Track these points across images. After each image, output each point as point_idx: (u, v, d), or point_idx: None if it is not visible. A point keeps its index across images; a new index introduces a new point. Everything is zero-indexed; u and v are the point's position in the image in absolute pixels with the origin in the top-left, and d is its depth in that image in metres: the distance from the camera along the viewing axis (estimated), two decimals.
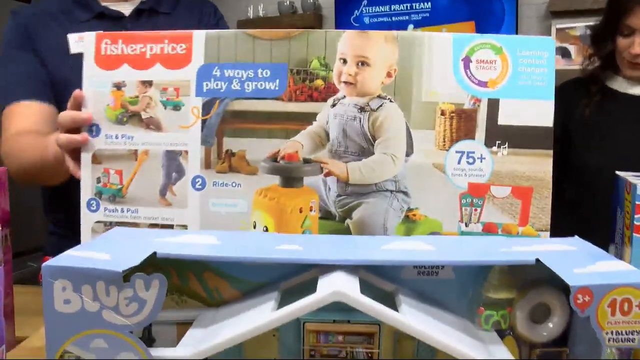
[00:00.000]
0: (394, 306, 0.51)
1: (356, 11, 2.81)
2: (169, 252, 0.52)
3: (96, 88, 0.77)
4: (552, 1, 2.64)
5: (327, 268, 0.52)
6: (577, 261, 0.52)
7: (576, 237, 0.61)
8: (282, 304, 0.51)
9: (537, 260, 0.51)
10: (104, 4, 1.14)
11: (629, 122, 1.31)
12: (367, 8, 2.81)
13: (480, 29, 2.06)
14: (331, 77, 0.75)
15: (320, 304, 0.47)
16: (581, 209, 1.36)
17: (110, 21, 1.12)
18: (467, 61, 0.73)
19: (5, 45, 1.11)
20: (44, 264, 0.48)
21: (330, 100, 0.75)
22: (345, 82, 0.74)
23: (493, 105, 0.73)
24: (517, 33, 2.08)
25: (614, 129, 1.34)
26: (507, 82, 0.73)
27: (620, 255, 0.79)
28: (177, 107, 0.76)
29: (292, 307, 0.48)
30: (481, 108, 0.74)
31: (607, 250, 0.83)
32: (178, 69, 0.76)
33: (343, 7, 3.00)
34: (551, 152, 0.74)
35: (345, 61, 0.74)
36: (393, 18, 2.69)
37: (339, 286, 0.48)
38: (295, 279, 0.56)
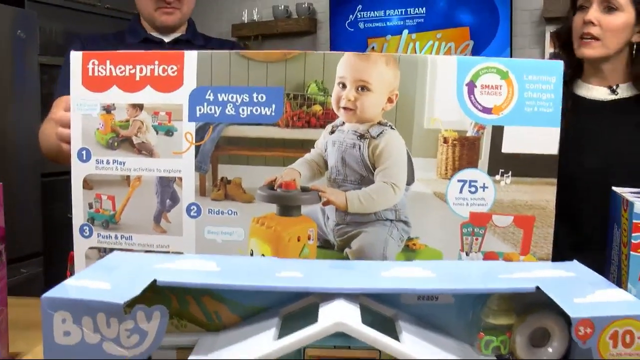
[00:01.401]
0: (394, 332, 0.49)
1: (351, 16, 2.73)
2: (170, 280, 0.49)
3: (85, 111, 0.70)
4: (546, 7, 2.57)
5: (328, 294, 0.49)
6: (577, 289, 0.49)
7: (575, 261, 0.57)
8: (283, 330, 0.49)
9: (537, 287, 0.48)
10: (151, 33, 1.29)
11: (592, 130, 1.19)
12: (362, 13, 2.73)
13: (474, 35, 2.01)
14: (330, 102, 0.67)
15: (322, 335, 0.45)
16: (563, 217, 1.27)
17: (154, 44, 1.27)
18: (471, 86, 0.66)
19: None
20: (43, 295, 0.44)
21: (328, 127, 0.68)
22: (345, 108, 0.67)
23: (497, 132, 0.67)
24: (511, 38, 2.03)
25: (580, 138, 1.19)
26: (513, 108, 0.66)
27: (617, 272, 0.75)
28: (169, 132, 0.69)
29: (295, 338, 0.45)
30: (485, 135, 0.67)
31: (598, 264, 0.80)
32: (169, 92, 0.68)
33: (338, 11, 2.92)
34: (555, 180, 0.68)
35: (344, 85, 0.67)
36: (388, 23, 2.61)
37: (340, 316, 0.45)
38: (295, 304, 0.53)
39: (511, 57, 3.14)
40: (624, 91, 1.14)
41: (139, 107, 0.69)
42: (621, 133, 1.11)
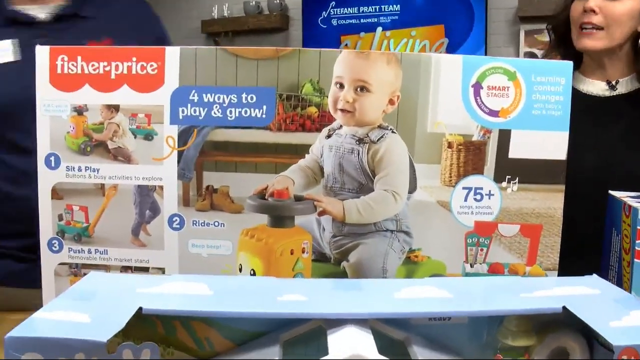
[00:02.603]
0: (407, 356, 0.45)
1: (324, 12, 2.66)
2: (157, 308, 0.43)
3: (53, 112, 0.61)
4: (521, 6, 2.56)
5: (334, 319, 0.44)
6: (608, 310, 0.45)
7: (595, 275, 0.53)
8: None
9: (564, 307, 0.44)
10: (14, 7, 0.97)
11: (586, 126, 1.09)
12: (335, 10, 2.65)
13: (449, 33, 1.98)
14: (326, 104, 0.61)
15: None
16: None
17: (25, 27, 0.95)
18: (477, 88, 0.61)
19: None
20: (7, 335, 0.36)
21: (324, 131, 0.62)
22: (342, 110, 0.61)
23: (504, 136, 0.61)
24: (486, 37, 2.00)
25: (574, 135, 1.17)
26: (520, 111, 0.61)
27: (617, 279, 0.72)
28: (148, 136, 0.62)
29: None
30: (491, 140, 0.63)
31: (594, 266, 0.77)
32: (149, 92, 0.60)
33: (310, 8, 2.84)
34: (563, 187, 0.64)
35: (342, 86, 0.60)
36: (362, 20, 2.55)
37: (355, 348, 0.40)
38: (296, 329, 0.47)
39: (486, 55, 3.15)
40: (622, 86, 1.07)
41: (114, 108, 0.61)
42: (617, 132, 1.06)
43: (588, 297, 0.47)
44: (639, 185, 0.75)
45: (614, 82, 1.07)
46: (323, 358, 0.39)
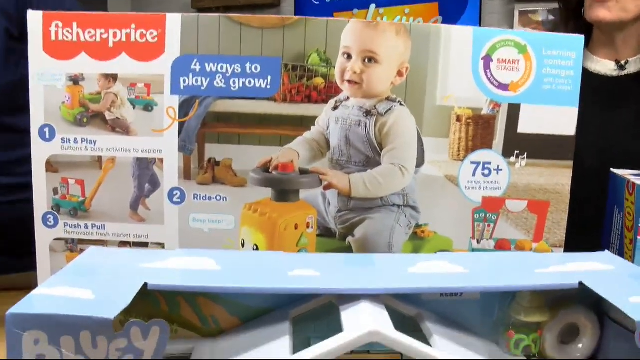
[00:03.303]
0: (420, 332, 0.44)
1: None
2: (163, 284, 0.40)
3: (47, 82, 0.58)
4: None
5: (346, 295, 0.42)
6: (626, 286, 0.44)
7: (607, 252, 0.52)
8: (297, 338, 0.43)
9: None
10: None
11: (592, 107, 1.04)
12: None
13: (443, 11, 1.95)
14: (333, 74, 0.59)
15: (353, 346, 0.37)
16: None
17: None
18: (487, 60, 0.59)
19: None
20: (9, 312, 0.34)
21: (331, 102, 0.59)
22: (350, 81, 0.59)
23: (513, 111, 0.60)
24: (480, 15, 1.98)
25: (582, 114, 1.14)
26: (530, 85, 0.59)
27: (619, 253, 0.72)
28: (148, 106, 0.59)
29: (320, 350, 0.37)
30: (500, 114, 0.61)
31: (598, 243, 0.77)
32: (149, 61, 0.58)
33: None
34: (571, 163, 0.62)
35: (349, 56, 0.58)
36: None
37: (372, 324, 0.38)
38: (305, 305, 0.46)
39: None
40: (632, 66, 1.03)
41: (112, 77, 0.58)
42: (624, 113, 1.05)
43: (603, 273, 0.46)
44: None
45: (623, 62, 1.04)
46: (339, 334, 0.38)
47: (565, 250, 0.63)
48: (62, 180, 0.60)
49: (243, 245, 0.60)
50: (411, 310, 0.47)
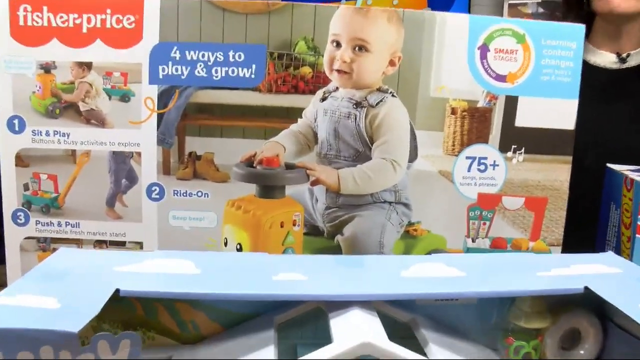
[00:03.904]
0: (414, 340, 0.42)
1: None
2: (137, 289, 0.37)
3: (16, 70, 0.54)
4: None
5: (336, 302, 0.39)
6: (634, 291, 0.41)
7: (610, 252, 0.50)
8: (282, 347, 0.41)
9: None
10: None
11: (590, 100, 1.11)
12: None
13: (432, 2, 1.90)
14: (321, 63, 0.55)
15: (344, 358, 0.34)
16: None
17: None
18: (484, 50, 0.56)
19: None
20: None
21: (319, 93, 0.56)
22: (339, 71, 0.55)
23: (511, 103, 0.56)
24: (469, 8, 1.94)
25: (583, 109, 1.10)
26: (528, 76, 0.56)
27: (616, 250, 0.70)
28: (125, 97, 0.55)
29: None
30: (497, 107, 0.58)
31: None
32: (125, 49, 0.54)
33: None
34: (570, 158, 0.60)
35: (339, 44, 0.55)
36: None
37: (364, 335, 0.35)
38: (291, 311, 0.43)
39: None
40: (634, 59, 0.98)
41: (86, 66, 0.55)
42: (622, 108, 1.01)
43: (609, 276, 0.43)
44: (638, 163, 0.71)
45: (624, 55, 1.01)
46: (329, 346, 0.35)
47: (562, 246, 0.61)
48: (34, 175, 0.56)
49: (226, 244, 0.56)
50: (405, 316, 0.44)
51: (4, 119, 0.55)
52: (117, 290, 0.37)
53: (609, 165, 0.70)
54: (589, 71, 1.02)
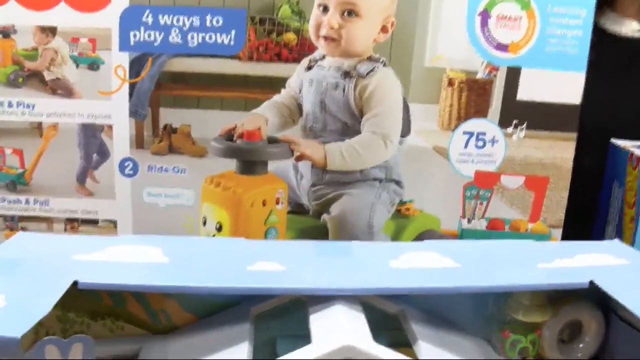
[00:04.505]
0: (400, 331, 0.38)
1: None
2: (97, 282, 0.33)
3: None
4: None
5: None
6: None
7: (616, 240, 0.46)
8: (258, 341, 0.37)
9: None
10: None
11: (612, 74, 1.07)
12: None
13: None
14: (306, 29, 0.51)
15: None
16: None
17: None
18: (485, 16, 0.51)
19: None
20: None
21: (304, 62, 0.52)
22: (326, 38, 0.51)
23: (513, 75, 0.52)
24: None
25: (597, 84, 1.04)
26: (533, 46, 0.51)
27: (617, 233, 0.67)
28: (93, 65, 0.50)
29: None
30: (498, 79, 0.54)
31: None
32: (93, 12, 0.49)
33: None
34: (575, 135, 0.56)
35: (326, 8, 0.50)
36: None
37: (346, 336, 0.31)
38: (270, 301, 0.39)
39: None
40: None
41: (50, 31, 0.50)
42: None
43: (615, 268, 0.39)
44: None
45: None
46: (306, 348, 0.31)
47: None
48: None
49: (205, 224, 0.53)
50: (392, 307, 0.41)
51: None
52: (75, 283, 0.33)
53: (612, 140, 0.66)
54: (613, 42, 0.97)
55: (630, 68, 0.96)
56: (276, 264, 0.38)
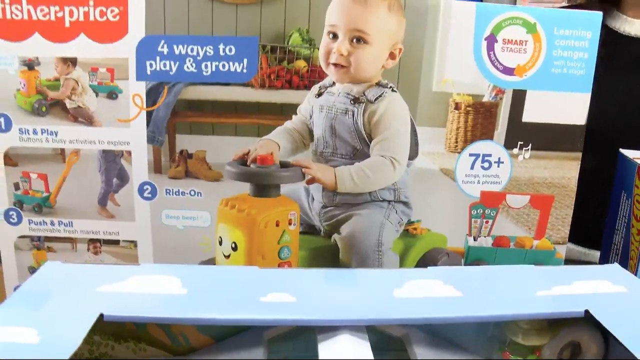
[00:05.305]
0: (406, 354, 0.41)
1: None
2: (121, 314, 0.35)
3: None
4: None
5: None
6: (637, 315, 0.38)
7: (616, 265, 0.48)
8: (272, 358, 0.41)
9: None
10: None
11: (627, 71, 0.94)
12: None
13: None
14: (316, 57, 0.51)
15: None
16: None
17: None
18: (491, 40, 0.52)
19: None
20: None
21: (314, 88, 0.53)
22: (336, 65, 0.51)
23: (518, 97, 0.52)
24: None
25: (611, 80, 1.03)
26: (538, 69, 0.52)
27: (623, 244, 0.67)
28: (112, 94, 0.52)
29: None
30: (504, 101, 0.55)
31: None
32: (110, 43, 0.50)
33: None
34: (580, 154, 0.56)
35: (335, 36, 0.51)
36: None
37: None
38: (282, 326, 0.42)
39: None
40: None
41: (71, 61, 0.51)
42: None
43: (612, 296, 0.40)
44: None
45: None
46: None
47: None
48: (23, 174, 0.54)
49: (221, 243, 0.55)
50: (398, 330, 0.43)
51: None
52: (101, 315, 0.36)
53: (621, 150, 0.66)
54: (618, 40, 0.96)
55: (634, 65, 0.94)
56: (287, 295, 0.39)
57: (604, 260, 0.71)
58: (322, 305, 0.38)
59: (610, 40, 0.92)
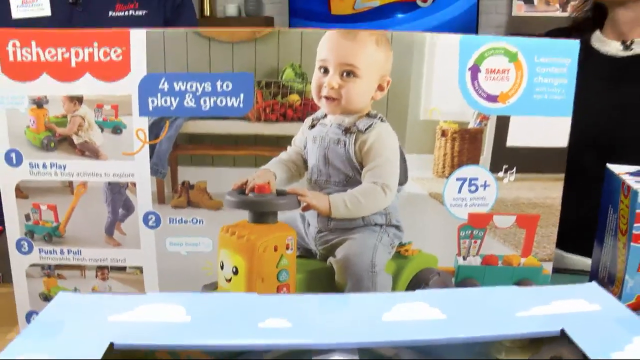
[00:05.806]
0: None
1: None
2: (130, 343, 0.38)
3: (8, 105, 0.53)
4: None
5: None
6: (609, 335, 0.40)
7: (594, 283, 0.50)
8: None
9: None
10: None
11: (597, 87, 0.98)
12: None
13: None
14: (309, 90, 0.54)
15: None
16: None
17: None
18: (475, 70, 0.54)
19: None
20: None
21: (308, 120, 0.55)
22: (327, 97, 0.54)
23: (502, 123, 0.55)
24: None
25: (584, 96, 1.04)
26: (521, 95, 0.54)
27: (611, 258, 0.70)
28: (117, 129, 0.55)
29: None
30: (488, 127, 0.57)
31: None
32: (114, 81, 0.53)
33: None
34: (563, 175, 0.59)
35: (326, 70, 0.53)
36: None
37: None
38: (280, 350, 0.44)
39: (478, 7, 2.98)
40: (637, 46, 0.96)
41: (77, 99, 0.54)
42: (628, 95, 0.99)
43: (587, 315, 0.43)
44: None
45: (628, 42, 0.98)
46: None
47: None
48: (34, 206, 0.57)
49: (222, 268, 0.58)
50: (388, 350, 0.46)
51: (1, 152, 0.55)
52: (112, 345, 0.39)
53: (608, 166, 0.68)
54: (599, 59, 1.01)
55: (613, 82, 1.00)
56: (284, 320, 0.42)
57: (594, 273, 0.73)
58: (316, 330, 0.41)
59: (588, 56, 0.98)
